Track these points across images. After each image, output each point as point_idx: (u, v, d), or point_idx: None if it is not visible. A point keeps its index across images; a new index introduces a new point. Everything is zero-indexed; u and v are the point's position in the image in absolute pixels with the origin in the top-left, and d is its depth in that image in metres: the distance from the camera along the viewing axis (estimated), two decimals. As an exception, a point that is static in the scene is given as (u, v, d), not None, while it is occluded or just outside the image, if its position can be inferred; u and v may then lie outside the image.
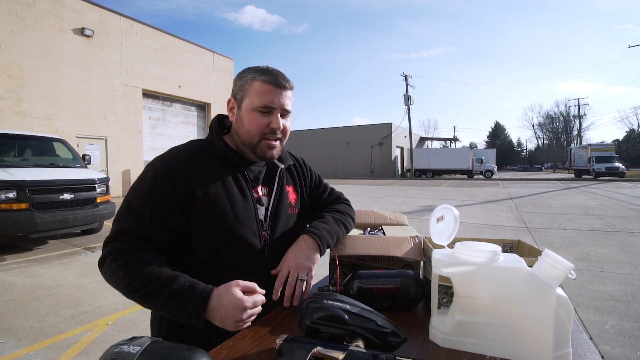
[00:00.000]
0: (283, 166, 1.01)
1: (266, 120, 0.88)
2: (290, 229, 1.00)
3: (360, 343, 0.60)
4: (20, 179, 4.69)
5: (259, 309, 0.76)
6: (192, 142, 0.95)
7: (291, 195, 1.03)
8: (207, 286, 0.75)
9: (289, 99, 0.91)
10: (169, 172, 0.84)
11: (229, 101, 0.94)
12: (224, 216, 0.86)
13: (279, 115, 0.89)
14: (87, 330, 2.64)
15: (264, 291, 0.78)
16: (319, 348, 0.56)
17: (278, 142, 0.93)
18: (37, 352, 2.33)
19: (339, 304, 0.64)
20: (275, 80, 0.88)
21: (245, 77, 0.90)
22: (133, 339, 0.50)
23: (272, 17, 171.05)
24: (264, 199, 0.96)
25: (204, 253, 0.87)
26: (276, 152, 0.94)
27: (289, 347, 0.57)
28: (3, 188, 4.55)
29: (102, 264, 0.81)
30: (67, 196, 5.15)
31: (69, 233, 5.85)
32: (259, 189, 0.97)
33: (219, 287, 0.75)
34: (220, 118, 1.01)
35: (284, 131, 0.93)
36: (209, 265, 0.88)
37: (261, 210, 0.94)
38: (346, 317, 0.62)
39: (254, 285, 0.76)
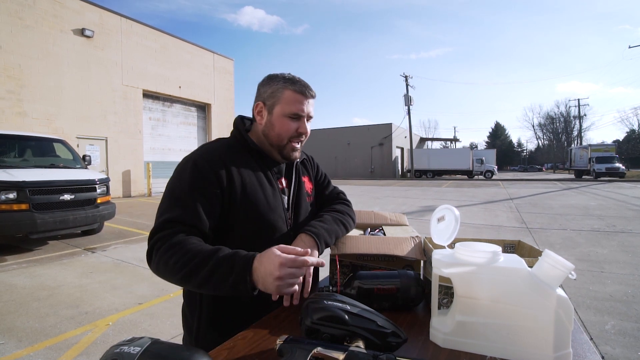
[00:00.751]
0: (298, 160, 1.11)
1: (295, 125, 0.99)
2: (309, 215, 1.11)
3: (361, 343, 0.60)
4: (20, 179, 4.69)
5: (302, 270, 0.76)
6: (220, 139, 1.04)
7: (307, 185, 1.14)
8: (250, 252, 0.79)
9: (312, 106, 1.02)
10: (208, 162, 0.91)
11: (257, 105, 1.02)
12: (258, 204, 0.95)
13: (305, 121, 1.00)
14: (88, 331, 2.64)
15: (307, 250, 0.77)
16: (319, 349, 0.56)
17: (300, 144, 1.04)
18: (37, 353, 2.33)
19: (339, 304, 0.64)
20: (304, 91, 0.98)
21: (276, 85, 0.98)
22: (133, 339, 0.50)
23: (271, 18, 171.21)
24: (286, 190, 1.07)
25: (238, 241, 0.92)
26: (298, 154, 1.05)
27: (289, 347, 0.57)
28: (3, 189, 4.55)
29: (150, 255, 0.84)
30: (67, 197, 5.15)
31: (70, 234, 5.85)
32: (282, 180, 1.07)
33: (254, 255, 0.78)
34: (242, 118, 1.10)
35: (306, 135, 1.04)
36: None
37: (285, 200, 1.04)
38: (346, 317, 0.62)
39: (294, 247, 0.78)
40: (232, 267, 0.75)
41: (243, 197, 0.93)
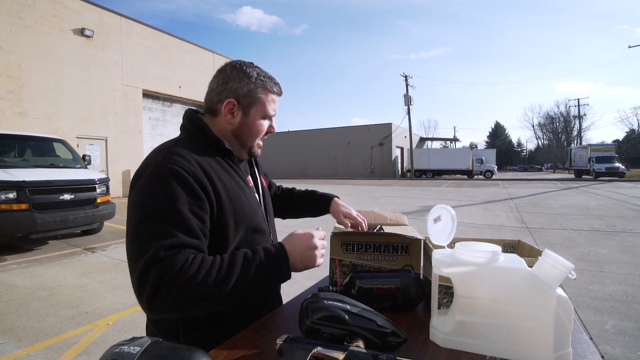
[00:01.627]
0: (256, 157, 1.05)
1: (267, 125, 0.95)
2: (272, 214, 1.12)
3: (361, 343, 0.60)
4: (20, 179, 4.69)
5: (325, 242, 0.85)
6: (179, 141, 0.87)
7: (264, 181, 1.13)
8: (273, 244, 0.81)
9: None
10: (190, 173, 0.77)
11: (228, 102, 0.89)
12: (244, 208, 0.88)
13: (273, 120, 0.97)
14: (88, 331, 2.64)
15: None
16: (319, 348, 0.56)
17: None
18: (37, 353, 2.33)
19: (340, 304, 0.64)
20: (280, 90, 0.95)
21: (254, 83, 0.89)
22: (133, 339, 0.50)
23: (270, 18, 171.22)
24: (253, 188, 1.02)
25: (234, 246, 0.87)
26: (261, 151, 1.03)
27: (289, 347, 0.57)
28: (3, 188, 4.55)
29: (154, 294, 0.66)
30: (67, 196, 5.15)
31: (69, 233, 5.85)
32: (249, 178, 1.02)
33: (281, 241, 0.82)
34: (196, 113, 0.97)
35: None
36: None
37: (257, 197, 1.01)
38: (346, 317, 0.62)
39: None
40: (274, 263, 0.76)
41: (231, 206, 0.84)
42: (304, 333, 0.64)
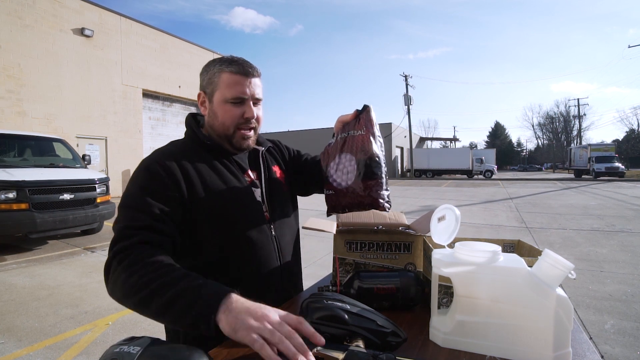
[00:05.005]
0: (263, 148, 1.03)
1: (239, 110, 0.90)
2: (287, 205, 1.05)
3: (361, 343, 0.60)
4: (20, 179, 4.69)
5: (293, 339, 0.53)
6: (173, 141, 0.96)
7: (279, 174, 1.07)
8: (226, 287, 0.62)
9: (258, 86, 0.92)
10: (162, 166, 0.83)
11: (199, 95, 0.94)
12: (224, 201, 0.87)
13: (251, 104, 0.90)
14: (87, 330, 2.64)
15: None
16: (318, 348, 0.55)
17: (252, 131, 0.94)
18: (37, 352, 2.33)
19: (339, 303, 0.64)
20: (243, 70, 0.88)
21: (212, 69, 0.90)
22: (133, 339, 0.50)
23: (266, 19, 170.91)
24: (257, 182, 0.99)
25: (212, 248, 0.87)
26: (252, 142, 0.96)
27: None
28: (3, 188, 4.55)
29: (108, 268, 0.72)
30: (67, 196, 5.15)
31: (69, 233, 5.85)
32: (250, 173, 0.99)
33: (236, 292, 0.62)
34: (194, 115, 1.02)
35: (257, 120, 0.94)
36: (221, 262, 0.88)
37: (257, 192, 0.97)
38: (346, 317, 0.62)
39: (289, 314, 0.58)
40: (196, 300, 0.59)
41: (207, 198, 0.85)
42: None
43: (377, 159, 0.85)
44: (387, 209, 0.86)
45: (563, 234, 6.07)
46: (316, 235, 5.34)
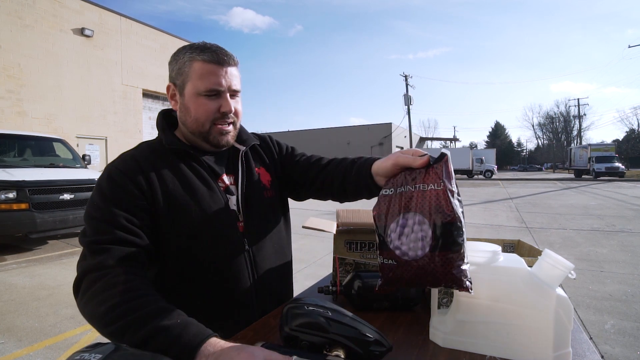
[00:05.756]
0: (243, 148, 0.92)
1: (215, 104, 0.81)
2: (269, 213, 0.93)
3: (341, 352, 0.58)
4: (20, 179, 4.69)
5: None
6: (141, 143, 0.88)
7: (263, 177, 0.95)
8: (206, 332, 0.57)
9: (235, 77, 0.83)
10: (124, 172, 0.77)
11: (168, 88, 0.86)
12: (188, 212, 0.79)
13: (227, 96, 0.82)
14: (87, 331, 2.64)
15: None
16: (295, 357, 0.53)
17: (231, 126, 0.85)
18: (37, 352, 2.33)
19: (321, 310, 0.61)
20: (217, 58, 0.79)
21: (182, 58, 0.82)
22: (97, 345, 0.49)
23: (268, 19, 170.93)
24: (233, 188, 0.89)
25: (178, 262, 0.80)
26: (231, 138, 0.87)
27: None
28: (3, 188, 4.55)
29: (77, 290, 0.68)
30: (67, 196, 5.15)
31: (69, 233, 5.85)
32: (225, 178, 0.89)
33: (215, 335, 0.56)
34: (167, 112, 0.93)
35: (236, 113, 0.85)
36: (186, 269, 0.81)
37: (232, 200, 0.87)
38: (326, 324, 0.59)
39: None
40: (172, 344, 0.54)
41: (168, 208, 0.78)
42: (282, 340, 0.61)
43: (460, 224, 0.64)
44: (470, 290, 0.63)
45: (563, 234, 6.07)
46: (316, 235, 5.34)
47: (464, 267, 0.63)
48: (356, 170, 0.88)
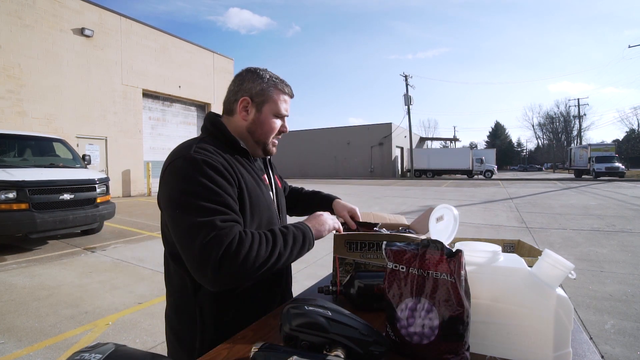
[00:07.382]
0: (269, 157, 1.11)
1: (279, 124, 1.01)
2: (286, 211, 1.17)
3: (341, 352, 0.58)
4: (20, 179, 4.69)
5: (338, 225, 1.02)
6: (202, 139, 0.93)
7: (279, 181, 1.19)
8: (299, 223, 0.93)
9: None
10: (216, 161, 0.85)
11: (242, 100, 0.98)
12: (258, 204, 0.93)
13: (286, 120, 1.04)
14: (87, 331, 2.64)
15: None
16: (295, 357, 0.53)
17: (277, 140, 1.06)
18: (37, 353, 2.33)
19: (321, 310, 0.61)
20: (291, 93, 1.03)
21: (266, 83, 0.98)
22: (97, 345, 0.49)
23: (265, 20, 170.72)
24: (269, 187, 1.07)
25: None
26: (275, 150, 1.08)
27: (264, 355, 0.55)
28: (3, 188, 4.55)
29: (218, 269, 0.72)
30: (67, 196, 5.15)
31: (69, 233, 5.85)
32: (265, 177, 1.06)
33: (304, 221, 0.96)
34: (217, 116, 1.05)
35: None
36: None
37: (272, 196, 1.06)
38: (326, 324, 0.59)
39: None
40: (304, 237, 0.88)
41: (249, 197, 0.90)
42: (282, 340, 0.62)
43: (466, 319, 0.64)
44: None
45: (563, 234, 6.07)
46: (316, 235, 5.33)
47: (465, 353, 0.65)
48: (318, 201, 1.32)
